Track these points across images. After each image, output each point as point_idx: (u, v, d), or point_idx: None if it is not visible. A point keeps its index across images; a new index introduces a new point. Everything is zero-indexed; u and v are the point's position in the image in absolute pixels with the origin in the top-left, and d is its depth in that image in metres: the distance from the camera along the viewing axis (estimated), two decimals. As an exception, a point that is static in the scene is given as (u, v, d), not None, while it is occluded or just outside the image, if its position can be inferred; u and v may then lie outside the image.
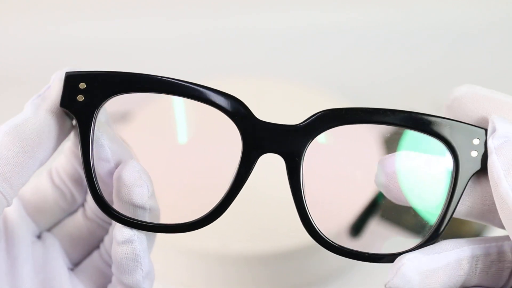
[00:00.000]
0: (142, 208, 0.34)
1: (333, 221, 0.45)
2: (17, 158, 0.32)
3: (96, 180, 0.34)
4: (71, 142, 0.35)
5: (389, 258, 0.33)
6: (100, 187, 0.35)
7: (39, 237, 0.38)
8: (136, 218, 0.34)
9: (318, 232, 0.34)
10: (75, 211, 0.38)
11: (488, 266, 0.32)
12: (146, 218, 0.34)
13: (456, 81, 0.54)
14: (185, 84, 0.33)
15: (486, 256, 0.32)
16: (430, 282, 0.31)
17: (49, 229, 0.38)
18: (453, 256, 0.32)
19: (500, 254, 0.32)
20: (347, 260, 0.62)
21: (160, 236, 0.37)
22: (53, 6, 0.92)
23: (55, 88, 0.33)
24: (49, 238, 0.37)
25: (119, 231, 0.34)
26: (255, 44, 0.92)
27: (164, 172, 0.39)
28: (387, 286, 0.32)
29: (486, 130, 0.32)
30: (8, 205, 0.33)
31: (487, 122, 0.32)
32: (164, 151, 0.57)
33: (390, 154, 0.33)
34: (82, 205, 0.38)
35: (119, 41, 0.91)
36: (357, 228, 0.59)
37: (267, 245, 0.58)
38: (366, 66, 0.91)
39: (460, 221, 0.34)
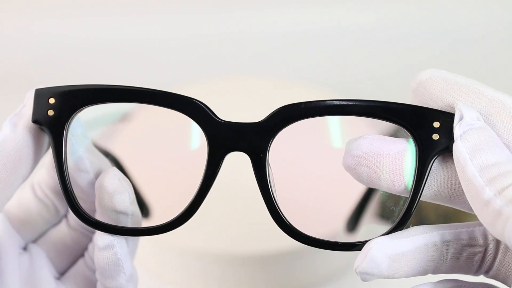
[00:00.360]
0: (125, 213, 0.35)
1: (306, 215, 0.45)
2: None
3: (72, 190, 0.34)
4: (51, 155, 0.36)
5: (361, 246, 0.33)
6: (82, 197, 0.36)
7: (25, 249, 0.38)
8: (119, 224, 0.35)
9: (287, 224, 0.34)
10: (58, 222, 0.39)
11: (459, 251, 0.32)
12: (128, 223, 0.35)
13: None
14: (148, 91, 0.34)
15: (456, 241, 0.32)
16: (399, 266, 0.31)
17: (34, 241, 0.39)
18: (421, 240, 0.32)
19: (471, 239, 0.33)
20: (343, 260, 0.62)
21: (155, 237, 0.37)
22: (53, 6, 0.92)
23: (30, 105, 0.34)
24: (35, 249, 0.38)
25: (100, 237, 0.35)
26: (255, 44, 0.92)
27: (140, 177, 0.40)
28: (357, 271, 0.32)
29: (446, 113, 0.32)
30: None
31: (451, 105, 0.32)
32: (140, 157, 0.57)
33: (357, 137, 0.33)
34: (65, 215, 0.39)
35: (120, 41, 0.91)
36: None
37: (263, 245, 0.58)
38: (367, 66, 0.91)
39: (465, 213, 0.34)
